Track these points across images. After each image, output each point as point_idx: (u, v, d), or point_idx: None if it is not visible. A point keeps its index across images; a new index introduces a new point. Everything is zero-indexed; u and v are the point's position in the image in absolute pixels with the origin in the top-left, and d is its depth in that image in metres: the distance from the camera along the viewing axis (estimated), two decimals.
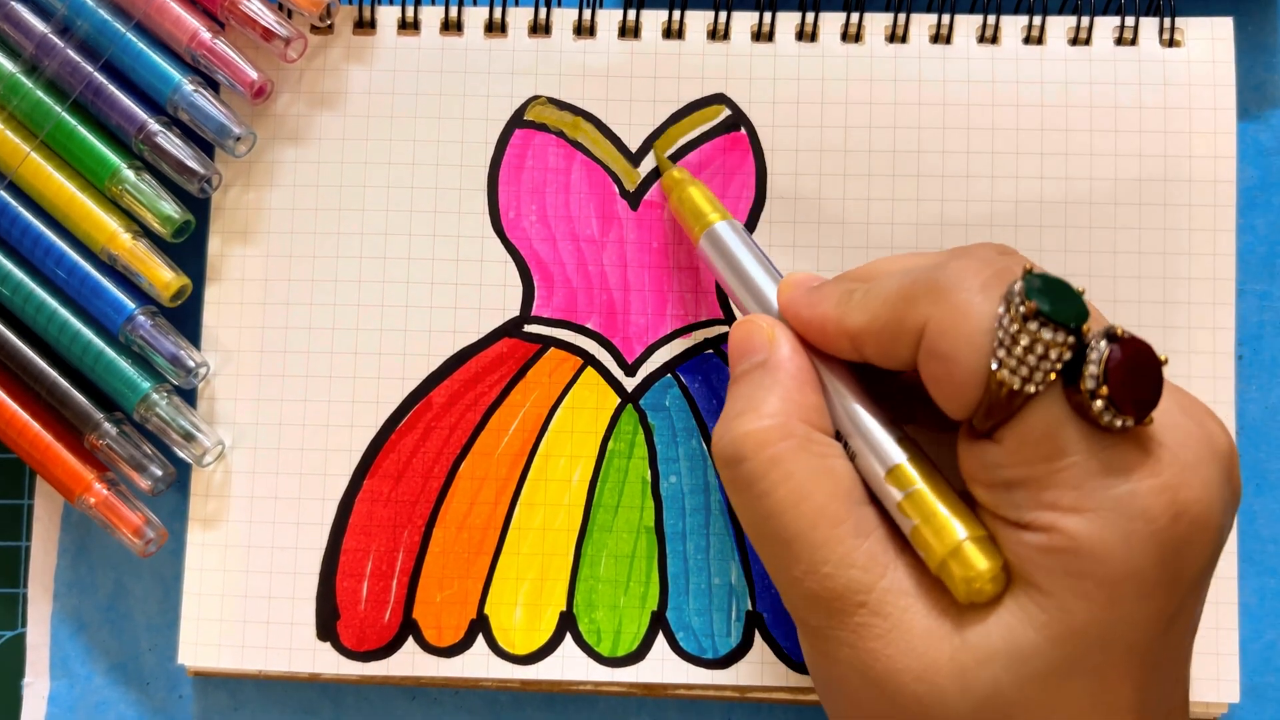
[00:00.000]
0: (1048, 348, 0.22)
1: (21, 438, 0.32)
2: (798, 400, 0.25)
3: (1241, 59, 0.34)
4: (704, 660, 0.32)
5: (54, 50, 0.32)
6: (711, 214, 0.30)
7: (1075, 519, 0.22)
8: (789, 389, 0.25)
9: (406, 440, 0.32)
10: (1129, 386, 0.21)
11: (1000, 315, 0.22)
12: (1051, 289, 0.22)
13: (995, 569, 0.23)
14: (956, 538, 0.23)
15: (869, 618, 0.23)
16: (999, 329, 0.22)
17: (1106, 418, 0.22)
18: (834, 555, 0.24)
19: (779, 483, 0.24)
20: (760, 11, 0.33)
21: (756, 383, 0.26)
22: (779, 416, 0.25)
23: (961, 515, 0.24)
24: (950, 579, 0.23)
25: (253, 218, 0.33)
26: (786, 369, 0.26)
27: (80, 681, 0.34)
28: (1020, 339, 0.22)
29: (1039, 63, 0.33)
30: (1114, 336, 0.22)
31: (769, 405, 0.25)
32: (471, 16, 0.33)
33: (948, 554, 0.23)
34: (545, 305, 0.33)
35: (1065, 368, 0.22)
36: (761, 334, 0.27)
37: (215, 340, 0.33)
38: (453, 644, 0.32)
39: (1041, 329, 0.22)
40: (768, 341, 0.26)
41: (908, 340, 0.23)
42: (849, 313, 0.25)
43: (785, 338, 0.26)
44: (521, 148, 0.33)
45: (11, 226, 0.32)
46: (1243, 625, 0.33)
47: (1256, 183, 0.34)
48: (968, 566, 0.23)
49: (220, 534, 0.32)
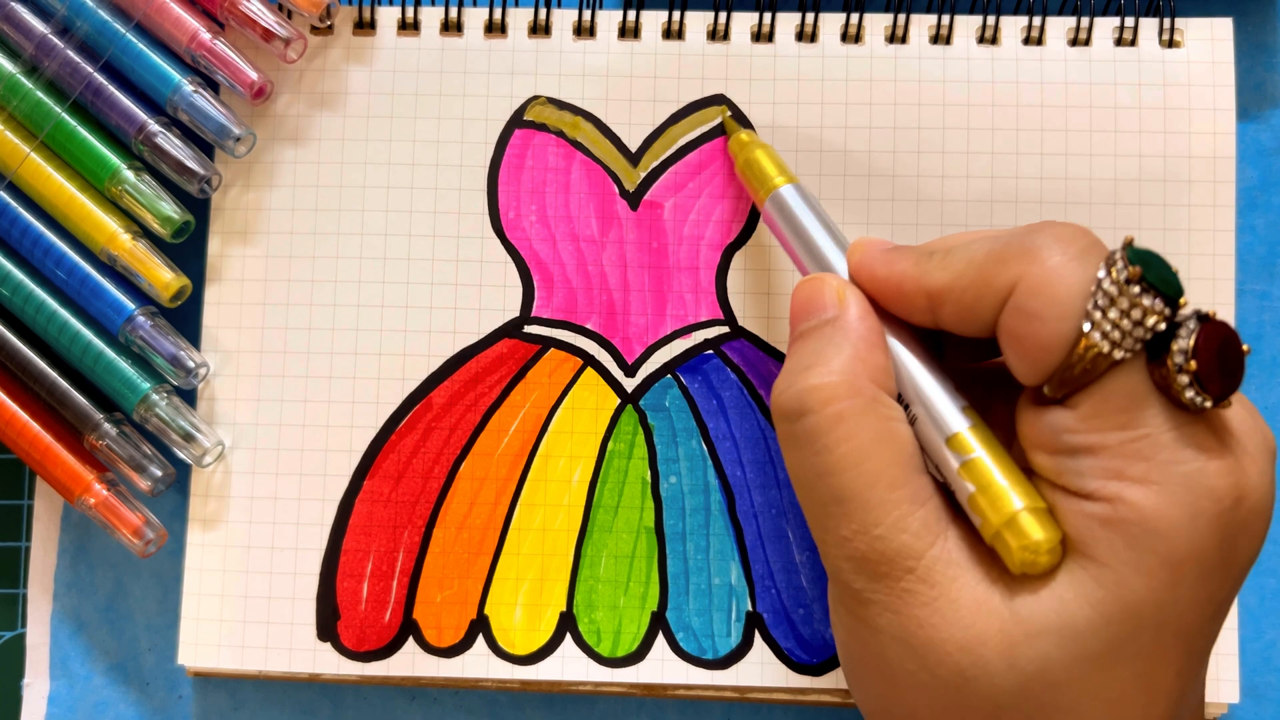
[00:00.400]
0: (1145, 314, 0.21)
1: (21, 438, 0.32)
2: (866, 359, 0.25)
3: (1241, 59, 0.34)
4: (704, 660, 0.32)
5: (54, 51, 0.32)
6: (778, 177, 0.29)
7: (1142, 490, 0.22)
8: (859, 347, 0.25)
9: (406, 441, 0.32)
10: (1215, 367, 0.21)
11: (1100, 278, 0.22)
12: (1154, 259, 0.22)
13: (1053, 540, 0.22)
14: (1013, 507, 0.23)
15: (916, 584, 0.23)
16: (1097, 291, 0.22)
17: (1189, 394, 0.21)
18: (888, 518, 0.23)
19: (841, 439, 0.24)
20: (760, 12, 0.33)
21: (826, 339, 0.25)
22: (847, 374, 0.24)
23: (1020, 485, 0.23)
24: (1005, 548, 0.23)
25: (252, 218, 0.33)
26: (856, 328, 0.25)
27: (80, 682, 0.34)
28: (1119, 302, 0.21)
29: (1039, 63, 0.33)
30: (1205, 317, 0.22)
31: (837, 361, 0.25)
32: (471, 17, 0.33)
33: (1003, 523, 0.23)
34: (545, 306, 0.33)
35: (1153, 340, 0.22)
36: (831, 291, 0.26)
37: (215, 341, 0.33)
38: (453, 644, 0.32)
39: (1143, 295, 0.21)
40: (837, 299, 0.26)
41: (993, 300, 0.23)
42: (930, 271, 0.25)
43: (855, 297, 0.26)
44: (521, 148, 0.33)
45: (11, 227, 0.32)
46: (1243, 625, 0.33)
47: (1256, 183, 0.34)
48: (1023, 536, 0.22)
49: (220, 534, 0.32)
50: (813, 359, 0.25)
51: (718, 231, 0.33)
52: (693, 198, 0.33)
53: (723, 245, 0.33)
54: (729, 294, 0.33)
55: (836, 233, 0.28)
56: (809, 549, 0.32)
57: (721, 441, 0.32)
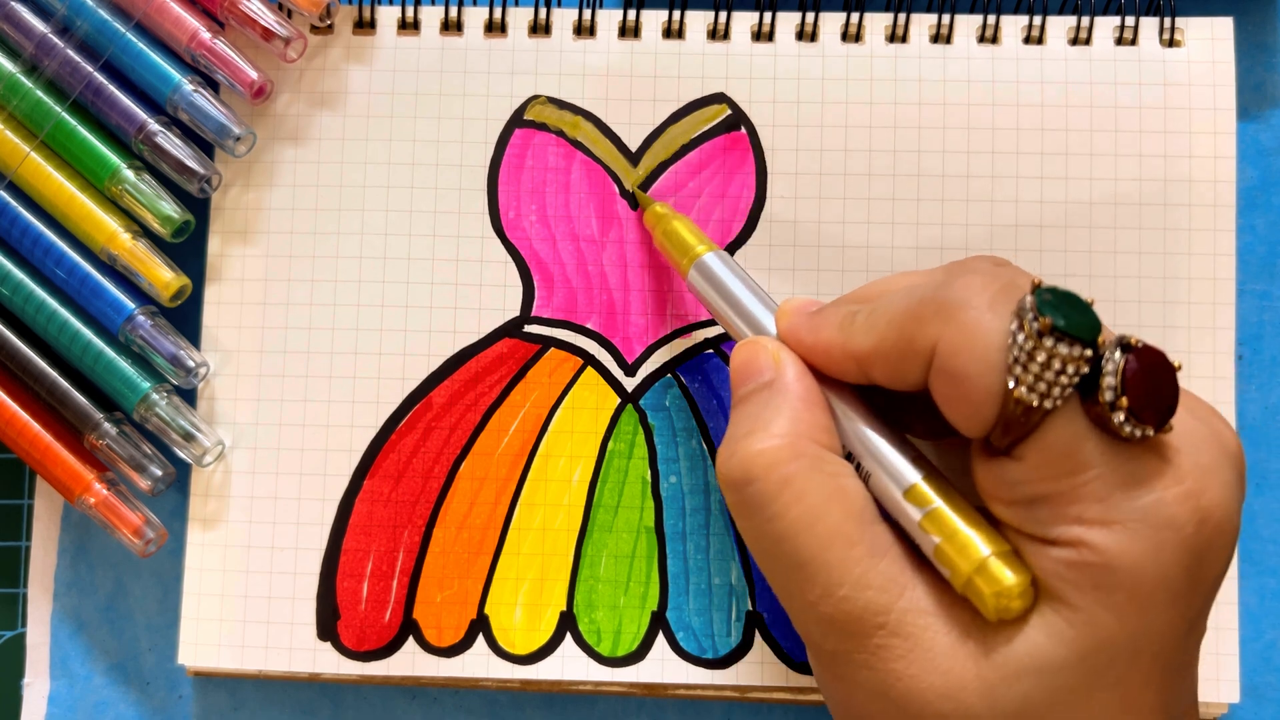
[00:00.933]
0: (1065, 362, 0.21)
1: (21, 438, 0.32)
2: (807, 420, 0.25)
3: (1241, 59, 0.34)
4: (704, 660, 0.32)
5: (54, 50, 0.32)
6: (698, 246, 0.29)
7: (1103, 532, 0.21)
8: (797, 409, 0.25)
9: (406, 440, 0.32)
10: (1147, 396, 0.21)
11: (1014, 332, 0.22)
12: (1064, 302, 0.22)
13: (1024, 584, 0.22)
14: (981, 553, 0.22)
15: (888, 639, 0.23)
16: (1013, 346, 0.22)
17: (1127, 429, 0.21)
18: (849, 577, 0.23)
19: (791, 504, 0.24)
20: (760, 11, 0.33)
21: (763, 403, 0.25)
22: (789, 436, 0.24)
23: (984, 531, 0.23)
24: (978, 596, 0.22)
25: (252, 218, 0.33)
26: (794, 389, 0.25)
27: (80, 681, 0.34)
28: (1036, 355, 0.21)
29: (1039, 63, 0.33)
30: (1128, 346, 0.22)
31: (778, 425, 0.25)
32: (471, 16, 0.33)
33: (973, 570, 0.22)
34: (545, 305, 0.33)
35: (1082, 381, 0.22)
36: (766, 355, 0.26)
37: (215, 340, 0.33)
38: (453, 644, 0.32)
39: (1058, 344, 0.21)
40: (773, 362, 0.26)
41: (917, 361, 0.23)
42: (853, 336, 0.25)
43: (790, 359, 0.26)
44: (521, 147, 0.33)
45: (11, 226, 0.32)
46: (1243, 625, 0.33)
47: (1256, 183, 0.34)
48: (995, 582, 0.22)
49: (220, 534, 0.32)
50: (752, 424, 0.25)
51: (718, 231, 0.33)
52: (693, 197, 0.33)
53: (723, 245, 0.33)
54: None
55: (764, 296, 0.28)
56: None
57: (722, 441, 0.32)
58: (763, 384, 0.26)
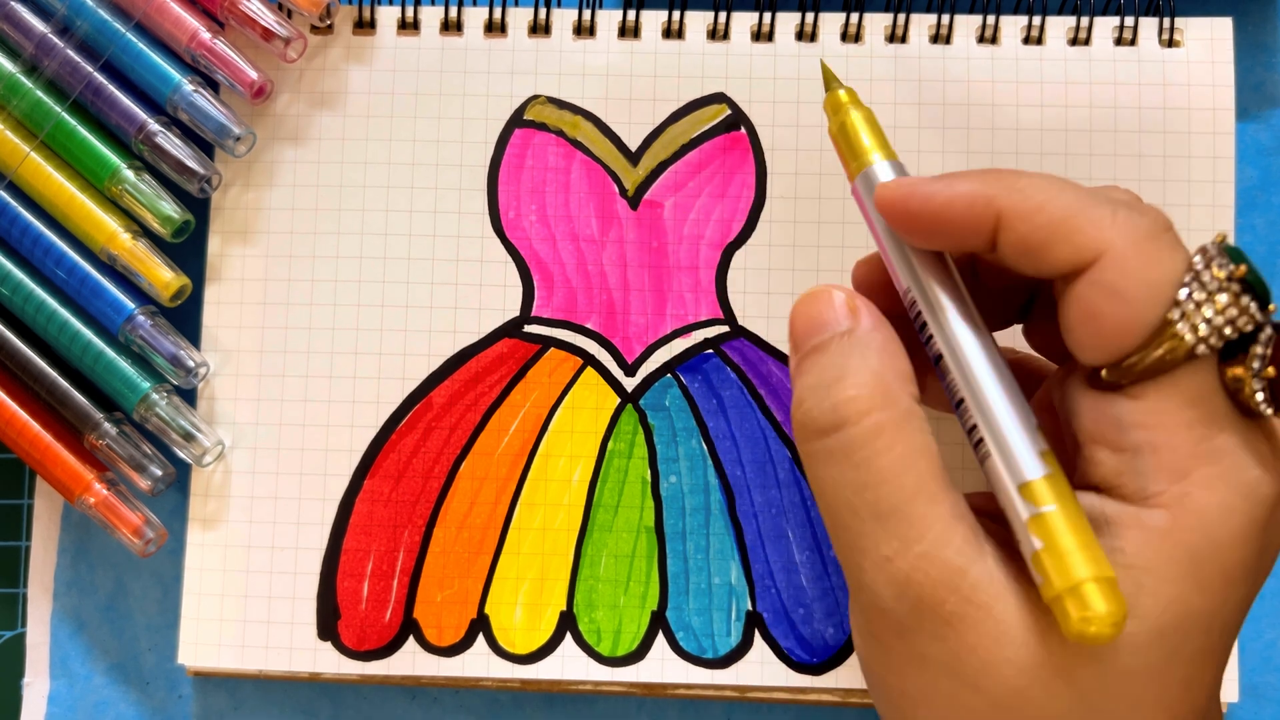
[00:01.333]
0: (1240, 313, 0.21)
1: (21, 438, 0.32)
2: (892, 369, 0.24)
3: (1241, 59, 0.34)
4: (704, 660, 0.32)
5: (54, 50, 0.32)
6: (871, 152, 0.26)
7: (1207, 496, 0.21)
8: (883, 357, 0.24)
9: (407, 440, 0.32)
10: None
11: (1198, 269, 0.21)
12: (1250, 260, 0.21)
13: (1116, 615, 0.21)
14: (1079, 575, 0.21)
15: (962, 605, 0.22)
16: (1193, 282, 0.21)
17: (1259, 400, 0.21)
18: (931, 532, 0.22)
19: (882, 451, 0.23)
20: (760, 11, 0.33)
21: (845, 351, 0.24)
22: (881, 383, 0.23)
23: (1089, 551, 0.21)
24: (1063, 615, 0.21)
25: (252, 218, 0.33)
26: (876, 337, 0.24)
27: (80, 681, 0.34)
28: (1216, 298, 0.21)
29: (1039, 63, 0.33)
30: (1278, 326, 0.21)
31: (867, 372, 0.23)
32: (471, 16, 0.33)
33: (1067, 590, 0.21)
34: (545, 305, 0.33)
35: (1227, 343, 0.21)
36: (840, 305, 0.25)
37: (215, 340, 0.33)
38: (453, 644, 0.32)
39: (1243, 294, 0.21)
40: (849, 311, 0.25)
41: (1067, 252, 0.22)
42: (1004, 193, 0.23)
43: (866, 307, 0.25)
44: (521, 147, 0.33)
45: (11, 226, 0.32)
46: (1243, 625, 0.33)
47: (1256, 183, 0.34)
48: (1086, 608, 0.21)
49: (220, 534, 0.32)
50: (839, 371, 0.24)
51: (718, 231, 0.33)
52: (693, 197, 0.33)
53: (723, 245, 0.33)
54: (729, 293, 0.33)
55: None
56: (809, 549, 0.32)
57: (721, 441, 0.32)
58: (840, 332, 0.24)
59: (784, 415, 0.32)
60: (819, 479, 0.24)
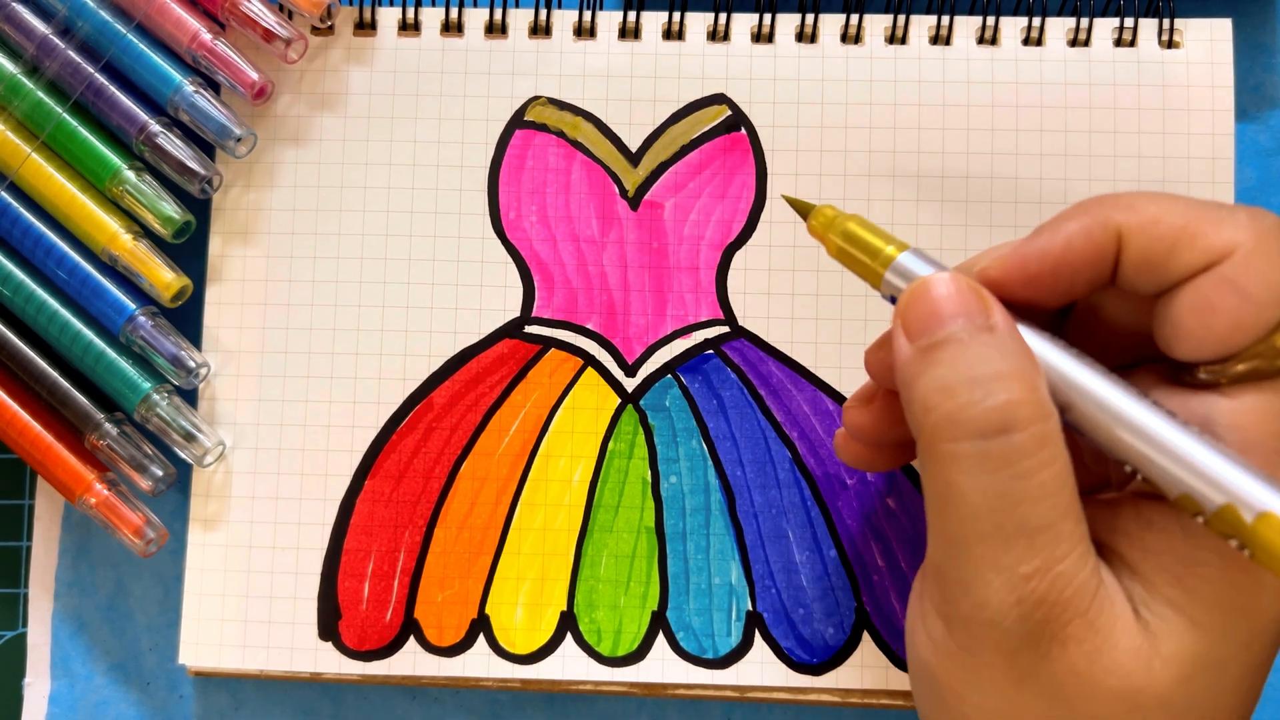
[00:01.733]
0: None
1: (22, 438, 0.32)
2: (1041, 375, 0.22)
3: (1240, 60, 0.34)
4: (704, 660, 0.32)
5: (55, 51, 0.32)
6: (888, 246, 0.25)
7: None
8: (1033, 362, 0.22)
9: (407, 441, 0.32)
10: None
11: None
12: None
13: None
14: None
15: (1083, 629, 0.21)
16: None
17: None
18: (1075, 551, 0.21)
19: (1046, 463, 0.21)
20: (760, 13, 0.33)
21: (994, 347, 0.22)
22: (1041, 391, 0.22)
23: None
24: None
25: (253, 218, 0.33)
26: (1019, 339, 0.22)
27: (81, 681, 0.34)
28: None
29: (1038, 64, 0.33)
30: None
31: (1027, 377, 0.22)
32: (472, 18, 0.33)
33: None
34: (546, 306, 0.33)
35: None
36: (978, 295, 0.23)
37: (216, 341, 0.33)
38: (454, 644, 0.32)
39: None
40: (985, 306, 0.23)
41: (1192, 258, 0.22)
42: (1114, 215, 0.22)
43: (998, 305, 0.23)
44: (522, 148, 0.33)
45: (12, 227, 0.32)
46: None
47: (1255, 184, 0.34)
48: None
49: (221, 534, 0.32)
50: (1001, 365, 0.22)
51: (718, 231, 0.33)
52: (693, 198, 0.33)
53: (723, 245, 0.33)
54: (729, 294, 0.33)
55: None
56: (809, 549, 0.32)
57: (722, 441, 0.32)
58: (981, 326, 0.22)
59: (784, 416, 0.32)
60: (956, 484, 0.22)
